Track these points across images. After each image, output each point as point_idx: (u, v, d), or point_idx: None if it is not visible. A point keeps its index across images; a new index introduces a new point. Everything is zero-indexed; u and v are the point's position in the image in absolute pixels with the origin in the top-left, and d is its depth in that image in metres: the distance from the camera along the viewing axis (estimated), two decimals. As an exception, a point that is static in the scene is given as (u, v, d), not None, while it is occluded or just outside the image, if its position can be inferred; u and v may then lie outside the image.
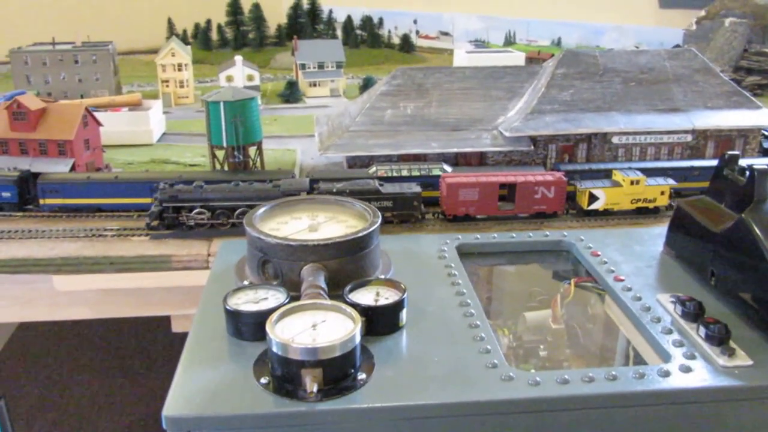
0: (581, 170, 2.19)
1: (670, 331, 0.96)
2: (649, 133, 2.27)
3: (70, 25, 3.71)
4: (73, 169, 2.09)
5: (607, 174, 2.11)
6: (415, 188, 1.96)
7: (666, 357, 0.91)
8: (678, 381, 0.85)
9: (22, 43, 3.21)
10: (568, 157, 2.30)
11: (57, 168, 2.07)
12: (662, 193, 2.02)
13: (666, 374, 0.86)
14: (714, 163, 1.21)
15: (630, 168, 2.11)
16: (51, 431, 2.82)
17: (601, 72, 2.38)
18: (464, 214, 1.97)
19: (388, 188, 1.94)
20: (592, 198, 2.01)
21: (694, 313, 0.97)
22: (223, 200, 1.87)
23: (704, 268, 1.10)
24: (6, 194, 1.97)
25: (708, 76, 2.41)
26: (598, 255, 1.23)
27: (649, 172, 2.08)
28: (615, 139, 2.28)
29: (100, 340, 3.47)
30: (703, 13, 4.16)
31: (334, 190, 1.88)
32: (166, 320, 1.97)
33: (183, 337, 1.89)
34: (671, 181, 2.06)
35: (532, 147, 2.24)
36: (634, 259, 1.21)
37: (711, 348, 0.90)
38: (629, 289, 1.09)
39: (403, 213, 1.94)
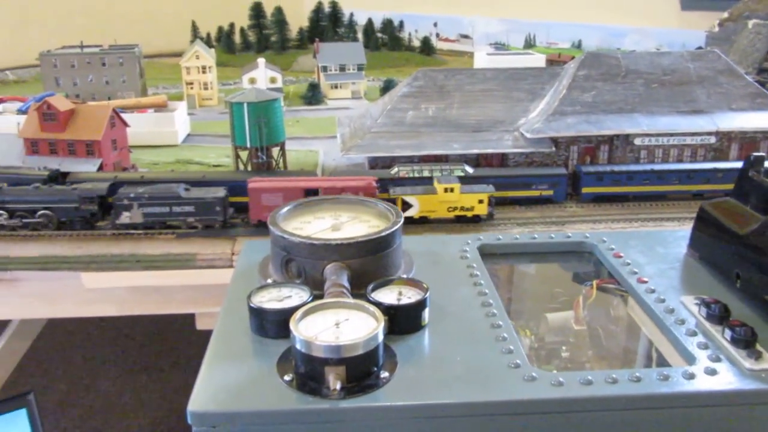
0: (602, 171, 2.18)
1: (694, 334, 0.95)
2: (672, 134, 2.25)
3: (98, 28, 3.78)
4: (100, 168, 2.14)
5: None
6: (219, 193, 1.91)
7: (690, 359, 0.90)
8: (703, 384, 0.84)
9: (51, 46, 3.28)
10: (590, 159, 2.29)
11: (85, 168, 2.11)
12: (480, 201, 1.95)
13: (691, 377, 0.85)
14: (738, 165, 1.20)
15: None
16: (78, 426, 2.87)
17: (623, 73, 2.36)
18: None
19: (192, 193, 1.91)
20: (406, 205, 1.94)
21: (720, 315, 0.96)
22: (22, 202, 1.86)
23: (729, 271, 1.09)
24: None
25: (732, 77, 2.39)
26: (621, 256, 1.22)
27: (468, 180, 2.03)
28: (637, 141, 2.26)
29: (124, 337, 3.52)
30: (725, 15, 4.11)
31: (132, 195, 1.87)
32: (190, 318, 2.00)
33: (206, 334, 1.92)
34: (490, 189, 1.99)
35: (554, 148, 2.23)
36: (657, 260, 1.20)
37: (737, 351, 0.89)
38: (653, 291, 1.08)
39: (206, 218, 1.90)
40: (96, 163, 2.13)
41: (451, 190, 1.94)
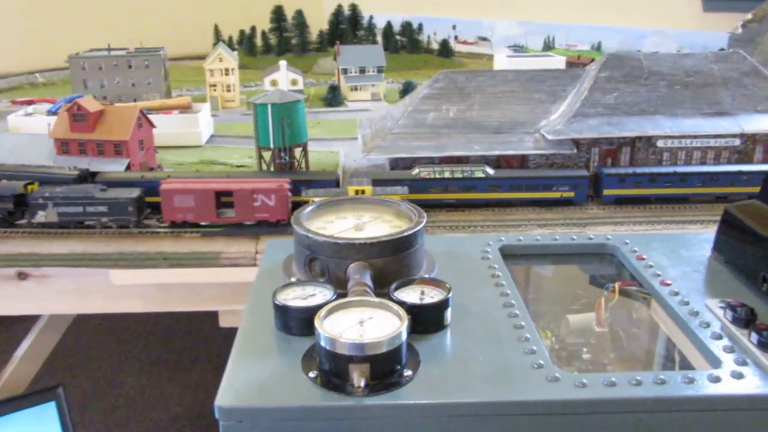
0: (624, 173, 2.17)
1: (719, 337, 0.94)
2: (695, 136, 2.23)
3: (124, 32, 3.85)
4: (128, 168, 2.17)
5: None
6: (132, 194, 1.92)
7: (715, 363, 0.90)
8: (729, 387, 0.84)
9: (80, 49, 3.34)
10: (611, 161, 2.28)
11: (113, 167, 2.15)
12: None
13: (716, 380, 0.84)
14: (764, 167, 1.19)
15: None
16: (102, 420, 2.92)
17: (645, 75, 2.35)
18: (182, 220, 1.93)
19: (105, 194, 1.92)
20: None
21: (746, 318, 0.95)
22: None
23: (755, 274, 1.08)
24: None
25: (757, 79, 2.36)
26: (644, 259, 1.22)
27: (380, 183, 2.00)
28: (660, 143, 2.25)
29: (147, 334, 3.58)
30: (749, 16, 4.05)
31: (47, 195, 1.88)
32: (210, 315, 2.02)
33: (226, 332, 1.96)
34: (404, 191, 1.98)
35: (575, 150, 2.23)
36: (680, 263, 1.19)
37: (764, 355, 0.88)
38: (676, 294, 1.08)
39: (119, 218, 1.92)
40: (124, 163, 2.17)
41: (362, 192, 1.94)
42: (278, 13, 4.89)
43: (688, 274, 1.16)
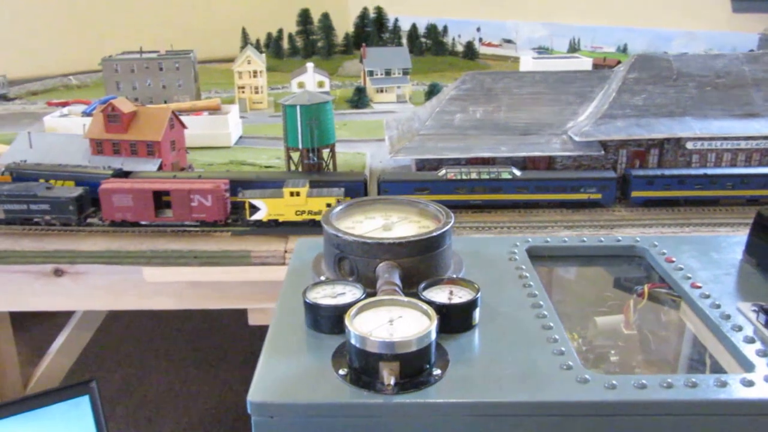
0: (653, 175, 2.15)
1: (752, 341, 0.93)
2: (725, 138, 2.20)
3: (155, 35, 3.92)
4: (160, 168, 2.21)
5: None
6: (73, 193, 1.94)
7: (748, 366, 0.88)
8: (763, 391, 0.82)
9: (112, 52, 3.41)
10: (639, 163, 2.26)
11: (146, 167, 2.19)
12: (328, 205, 1.91)
13: (750, 384, 0.83)
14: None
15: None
16: (132, 414, 2.98)
17: (674, 76, 2.32)
18: (121, 219, 1.95)
19: (48, 192, 1.94)
20: (253, 208, 1.93)
21: (780, 322, 0.94)
22: None
23: (788, 277, 1.07)
24: None
25: (790, 80, 2.32)
26: (673, 261, 1.21)
27: (317, 184, 1.99)
28: (689, 145, 2.22)
29: (176, 332, 3.64)
30: (780, 16, 3.98)
31: None
32: (237, 314, 2.05)
33: (255, 330, 1.99)
34: (339, 193, 1.97)
35: (603, 152, 2.21)
36: (711, 266, 1.18)
37: (797, 358, 0.87)
38: (707, 297, 1.07)
39: (61, 217, 1.94)
40: (156, 163, 2.21)
41: (297, 194, 1.94)
42: (305, 16, 4.94)
43: (719, 277, 1.14)
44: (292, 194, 1.92)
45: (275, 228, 1.95)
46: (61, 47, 4.54)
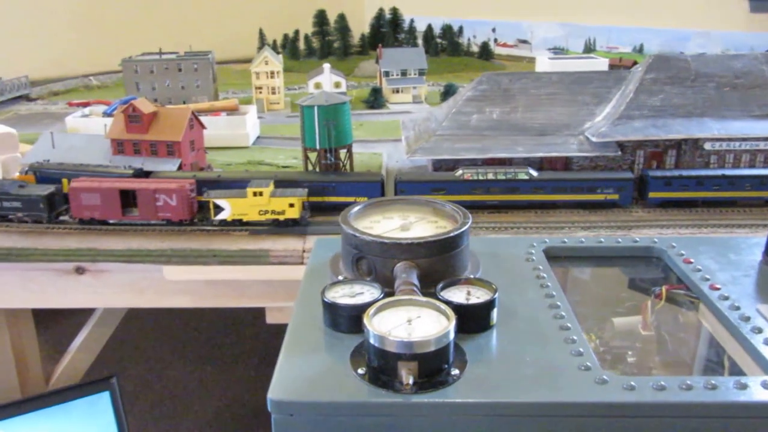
0: (670, 176, 2.14)
1: (772, 342, 0.93)
2: (744, 139, 2.19)
3: (174, 36, 3.96)
4: (180, 168, 2.23)
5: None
6: (45, 191, 1.97)
7: (768, 369, 0.89)
8: (784, 394, 0.82)
9: (132, 53, 3.45)
10: (656, 164, 2.25)
11: (166, 167, 2.21)
12: (291, 205, 1.93)
13: (771, 386, 0.83)
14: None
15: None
16: (150, 410, 3.02)
17: (692, 77, 2.31)
18: (90, 218, 1.97)
19: (20, 190, 1.97)
20: (217, 208, 1.95)
21: (800, 324, 0.94)
22: None
23: (810, 279, 1.06)
24: None
25: (810, 80, 2.30)
26: (691, 262, 1.20)
27: (281, 184, 2.02)
28: (707, 146, 2.21)
29: (192, 330, 3.68)
30: (798, 16, 3.93)
31: None
32: (253, 313, 2.07)
33: (271, 328, 2.00)
34: (302, 193, 1.98)
35: (620, 152, 2.20)
36: (730, 268, 1.17)
37: (818, 361, 0.87)
38: (726, 298, 1.06)
39: (32, 214, 1.97)
40: (176, 163, 2.23)
41: (260, 194, 1.95)
42: (321, 18, 4.96)
43: (738, 278, 1.14)
44: (255, 194, 1.95)
45: (241, 226, 1.99)
46: (81, 48, 4.60)
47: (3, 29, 4.36)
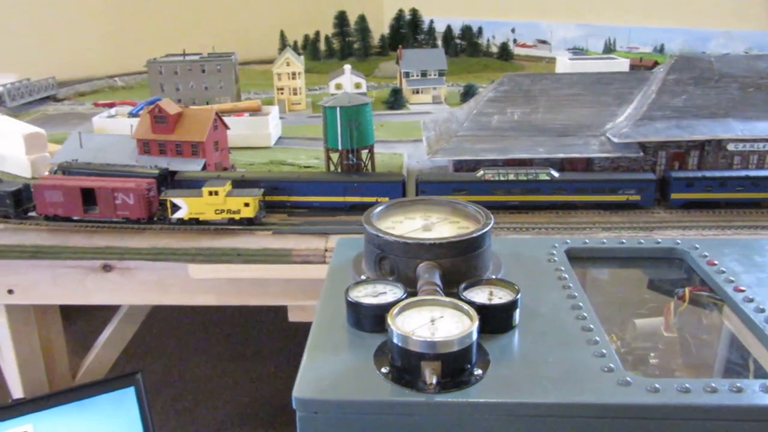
0: (693, 177, 2.13)
1: (798, 345, 0.93)
2: (769, 140, 2.16)
3: (197, 37, 4.01)
4: (204, 168, 2.26)
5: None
6: (11, 187, 2.00)
7: (794, 372, 0.88)
8: (810, 397, 0.81)
9: (156, 54, 3.49)
10: (678, 165, 2.24)
11: (191, 167, 2.24)
12: (246, 204, 1.95)
13: (797, 389, 0.82)
14: None
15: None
16: (171, 406, 3.06)
17: (716, 77, 2.29)
18: (53, 214, 2.01)
19: None
20: (174, 207, 1.97)
21: (826, 327, 0.93)
22: None
23: (835, 282, 1.06)
24: None
25: (836, 80, 2.27)
26: (715, 264, 1.19)
27: (238, 184, 2.05)
28: (731, 147, 2.19)
29: (213, 327, 3.72)
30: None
31: None
32: (273, 311, 2.09)
33: (292, 326, 2.02)
34: (258, 193, 1.99)
35: (641, 153, 2.19)
36: (755, 269, 1.17)
37: (844, 363, 0.86)
38: (751, 300, 1.05)
39: None
40: (200, 163, 2.25)
41: (216, 193, 1.98)
42: (341, 19, 4.98)
43: (763, 280, 1.13)
44: (210, 193, 1.98)
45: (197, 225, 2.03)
46: (107, 50, 4.68)
47: (31, 32, 4.44)
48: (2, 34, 4.31)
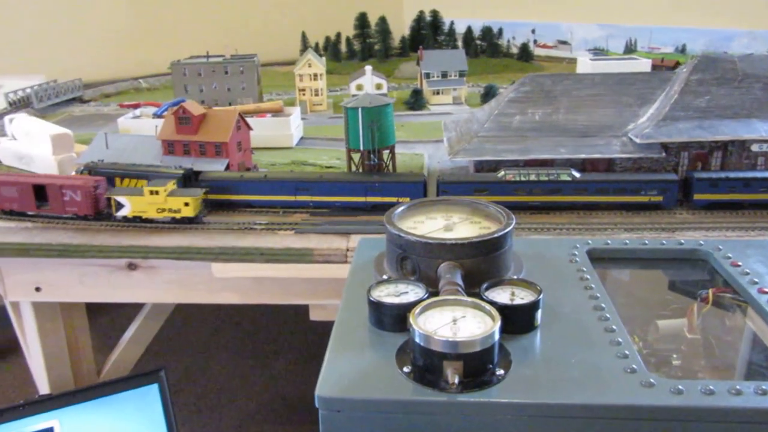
0: (716, 178, 2.11)
1: (823, 348, 0.92)
2: (794, 141, 2.13)
3: (220, 39, 4.05)
4: (227, 168, 2.29)
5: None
6: None
7: (819, 374, 0.87)
8: (838, 401, 0.80)
9: (180, 56, 3.53)
10: (701, 165, 2.22)
11: (214, 167, 2.27)
12: (186, 204, 1.98)
13: (822, 392, 0.81)
14: None
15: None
16: (193, 404, 3.10)
17: (739, 77, 2.26)
18: (9, 209, 2.09)
19: None
20: (118, 205, 2.01)
21: None
22: None
23: None
24: None
25: None
26: (739, 265, 1.18)
27: (184, 183, 2.10)
28: (754, 147, 2.16)
29: (234, 326, 3.76)
30: None
31: None
32: (297, 309, 2.10)
33: (312, 325, 2.03)
34: (198, 193, 2.02)
35: (664, 154, 2.17)
36: (779, 271, 1.16)
37: None
38: (776, 302, 1.05)
39: None
40: (224, 163, 2.28)
41: (156, 192, 2.01)
42: (362, 20, 5.00)
43: (788, 282, 1.12)
44: (151, 192, 2.02)
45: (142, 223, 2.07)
46: (131, 52, 4.74)
47: (58, 35, 4.52)
48: (31, 37, 4.39)
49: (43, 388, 2.37)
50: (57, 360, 2.37)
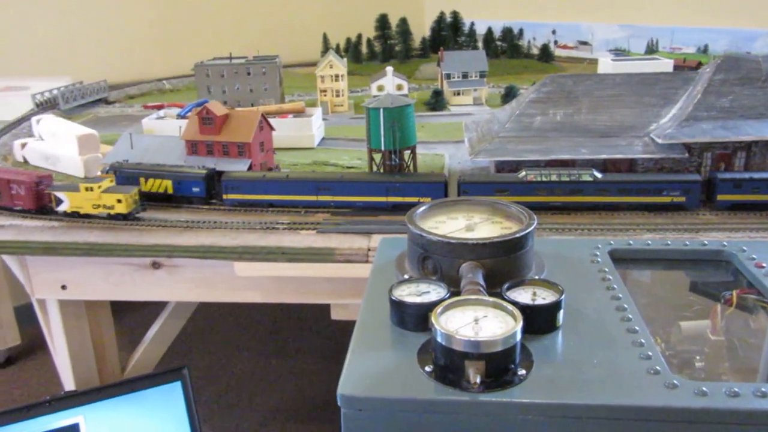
0: (740, 178, 2.08)
1: None
2: (820, 141, 2.10)
3: (242, 41, 4.09)
4: (250, 168, 2.30)
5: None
6: None
7: None
8: None
9: (203, 58, 3.57)
10: (724, 166, 2.19)
11: (237, 167, 2.28)
12: (119, 200, 2.03)
13: None
14: None
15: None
16: (215, 401, 3.13)
17: (763, 77, 2.23)
18: None
19: None
20: (59, 201, 2.06)
21: None
22: None
23: None
24: (195, 189, 2.22)
25: None
26: (763, 267, 1.17)
27: (122, 180, 2.15)
28: (780, 148, 2.13)
29: (256, 324, 3.79)
30: None
31: None
32: (318, 308, 2.12)
33: (333, 324, 2.03)
34: (130, 190, 2.05)
35: (686, 154, 2.15)
36: (805, 273, 1.15)
37: None
38: (801, 304, 1.04)
39: None
40: (246, 164, 2.29)
41: (91, 189, 2.06)
42: (383, 21, 5.00)
43: (814, 284, 1.11)
44: (87, 189, 2.07)
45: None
46: (155, 54, 4.80)
47: (84, 38, 4.59)
48: (57, 40, 4.47)
49: (69, 384, 2.41)
50: (82, 357, 2.40)
